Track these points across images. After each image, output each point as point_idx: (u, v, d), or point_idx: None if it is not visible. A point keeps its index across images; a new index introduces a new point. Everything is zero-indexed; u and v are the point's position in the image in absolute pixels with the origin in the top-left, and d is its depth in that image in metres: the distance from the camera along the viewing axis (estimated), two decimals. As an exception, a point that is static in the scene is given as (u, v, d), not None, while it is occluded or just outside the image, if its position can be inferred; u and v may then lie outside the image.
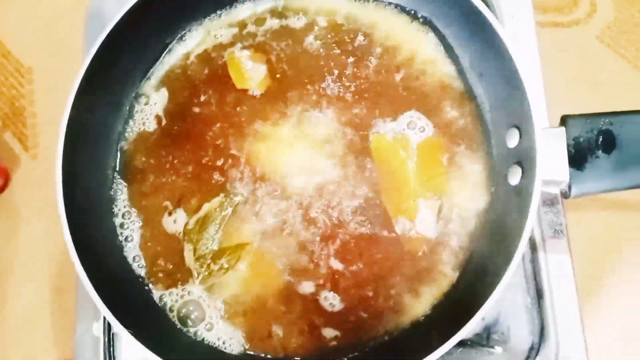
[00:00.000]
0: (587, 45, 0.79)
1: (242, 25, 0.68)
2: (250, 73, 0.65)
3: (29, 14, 0.86)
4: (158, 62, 0.68)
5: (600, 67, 0.78)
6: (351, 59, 0.65)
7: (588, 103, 0.74)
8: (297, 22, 0.67)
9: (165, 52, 0.68)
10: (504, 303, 0.64)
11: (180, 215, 0.62)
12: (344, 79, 0.65)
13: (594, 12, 0.81)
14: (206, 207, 0.62)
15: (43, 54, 0.84)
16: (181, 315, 0.59)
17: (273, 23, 0.68)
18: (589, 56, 0.78)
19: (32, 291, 0.74)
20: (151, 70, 0.67)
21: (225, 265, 0.60)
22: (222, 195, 0.62)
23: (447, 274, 0.59)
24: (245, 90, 0.65)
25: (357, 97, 0.64)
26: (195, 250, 0.61)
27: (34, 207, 0.78)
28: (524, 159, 0.55)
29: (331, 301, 0.59)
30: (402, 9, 0.66)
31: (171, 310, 0.60)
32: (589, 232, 0.71)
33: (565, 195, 0.55)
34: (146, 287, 0.60)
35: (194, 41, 0.68)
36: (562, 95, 0.74)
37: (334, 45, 0.66)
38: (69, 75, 0.78)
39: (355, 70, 0.65)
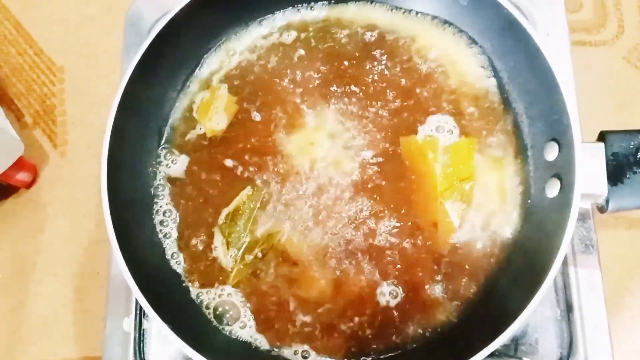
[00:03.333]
0: (614, 65, 0.80)
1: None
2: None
3: (63, 15, 0.87)
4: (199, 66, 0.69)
5: (627, 87, 0.79)
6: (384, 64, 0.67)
7: (615, 121, 0.76)
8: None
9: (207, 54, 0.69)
10: (533, 315, 0.64)
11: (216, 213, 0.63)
12: (380, 85, 0.66)
13: (621, 33, 0.81)
14: (235, 201, 0.62)
15: (75, 54, 0.85)
16: (217, 313, 0.60)
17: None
18: (615, 76, 0.79)
19: (54, 289, 0.74)
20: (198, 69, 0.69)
21: (260, 255, 0.61)
22: (249, 188, 0.63)
23: (477, 283, 0.60)
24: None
25: (391, 104, 0.65)
26: (228, 243, 0.61)
27: (59, 205, 0.78)
28: (563, 172, 0.56)
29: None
30: (444, 22, 0.67)
31: (207, 308, 0.60)
32: (616, 249, 0.71)
33: (601, 209, 0.56)
34: (184, 285, 0.61)
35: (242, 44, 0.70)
36: (590, 113, 0.73)
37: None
38: (99, 76, 0.82)
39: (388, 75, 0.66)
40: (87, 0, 0.87)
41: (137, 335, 0.65)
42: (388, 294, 0.60)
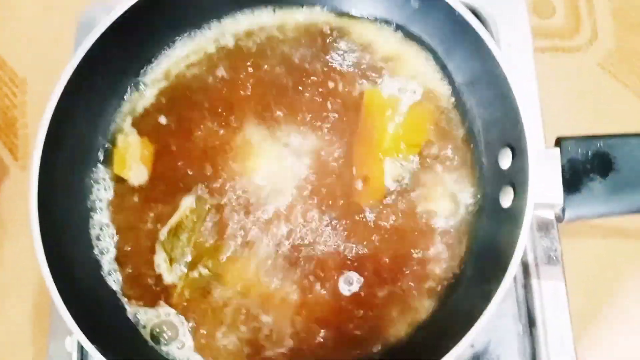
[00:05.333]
0: (589, 72, 0.78)
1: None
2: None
3: (25, 26, 0.86)
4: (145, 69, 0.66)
5: (602, 94, 0.77)
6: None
7: (588, 129, 0.72)
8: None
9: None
10: (495, 330, 0.62)
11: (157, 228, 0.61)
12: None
13: (594, 39, 0.80)
14: (177, 214, 0.60)
15: (37, 65, 0.84)
16: (154, 333, 0.57)
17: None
18: (590, 83, 0.78)
19: (14, 308, 0.72)
20: (138, 78, 0.66)
21: (205, 271, 0.59)
22: (192, 201, 0.61)
23: (431, 295, 0.58)
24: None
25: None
26: (171, 259, 0.59)
27: (19, 220, 0.76)
28: (516, 180, 0.54)
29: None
30: (391, 24, 0.66)
31: (144, 327, 0.58)
32: (585, 260, 0.69)
33: (558, 219, 0.54)
34: (119, 303, 0.59)
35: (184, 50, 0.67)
36: (562, 121, 0.73)
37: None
38: None
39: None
40: (51, 12, 0.86)
41: (80, 355, 0.62)
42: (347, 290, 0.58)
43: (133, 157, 0.63)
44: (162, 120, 0.64)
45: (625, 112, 0.76)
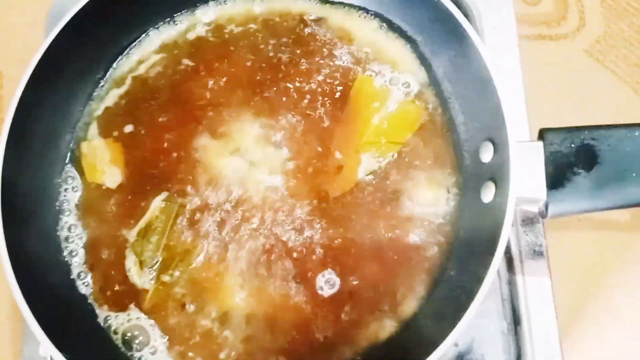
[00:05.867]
0: (576, 59, 0.78)
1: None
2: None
3: (2, 18, 0.84)
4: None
5: (589, 81, 0.77)
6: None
7: (575, 116, 0.73)
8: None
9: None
10: (479, 329, 0.61)
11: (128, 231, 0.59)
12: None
13: (582, 26, 0.79)
14: (147, 215, 0.59)
15: (13, 59, 0.81)
16: (126, 338, 0.56)
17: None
18: (577, 70, 0.77)
19: None
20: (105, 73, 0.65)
21: (177, 274, 0.57)
22: (161, 200, 0.59)
23: (415, 293, 0.57)
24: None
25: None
26: (141, 262, 0.57)
27: None
28: (497, 174, 0.53)
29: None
30: (371, 13, 0.65)
31: (115, 333, 0.56)
32: (573, 254, 0.68)
33: (542, 214, 0.52)
34: (89, 308, 0.57)
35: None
36: (548, 110, 0.72)
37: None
38: None
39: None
40: (27, 4, 0.83)
41: (53, 360, 0.60)
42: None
43: (103, 161, 0.61)
44: (128, 120, 0.63)
45: (613, 98, 0.76)
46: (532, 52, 0.75)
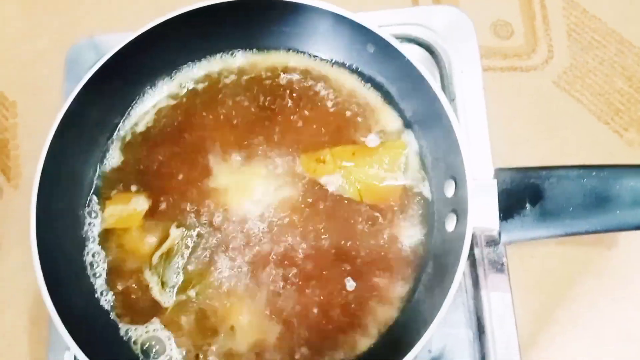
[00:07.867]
0: (545, 90, 0.81)
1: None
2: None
3: (15, 50, 0.88)
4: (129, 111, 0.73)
5: (557, 110, 0.80)
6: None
7: (546, 145, 0.78)
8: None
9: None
10: (449, 337, 0.67)
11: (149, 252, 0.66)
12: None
13: (550, 58, 0.83)
14: (169, 241, 0.66)
15: (27, 89, 0.86)
16: (144, 348, 0.63)
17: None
18: (546, 100, 0.81)
19: (8, 321, 0.75)
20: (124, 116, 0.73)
21: (193, 294, 0.64)
22: (182, 228, 0.66)
23: (392, 304, 0.64)
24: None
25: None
26: (163, 283, 0.64)
27: (13, 238, 0.79)
28: (458, 207, 0.60)
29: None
30: (345, 67, 0.72)
31: (135, 343, 0.63)
32: (537, 268, 0.72)
33: (496, 241, 0.59)
34: (112, 322, 0.64)
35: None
36: (519, 138, 0.77)
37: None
38: (50, 111, 0.78)
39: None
40: (39, 36, 0.88)
41: (77, 368, 0.67)
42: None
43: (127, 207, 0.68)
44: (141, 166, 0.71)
45: (578, 125, 0.80)
46: (505, 82, 0.80)
